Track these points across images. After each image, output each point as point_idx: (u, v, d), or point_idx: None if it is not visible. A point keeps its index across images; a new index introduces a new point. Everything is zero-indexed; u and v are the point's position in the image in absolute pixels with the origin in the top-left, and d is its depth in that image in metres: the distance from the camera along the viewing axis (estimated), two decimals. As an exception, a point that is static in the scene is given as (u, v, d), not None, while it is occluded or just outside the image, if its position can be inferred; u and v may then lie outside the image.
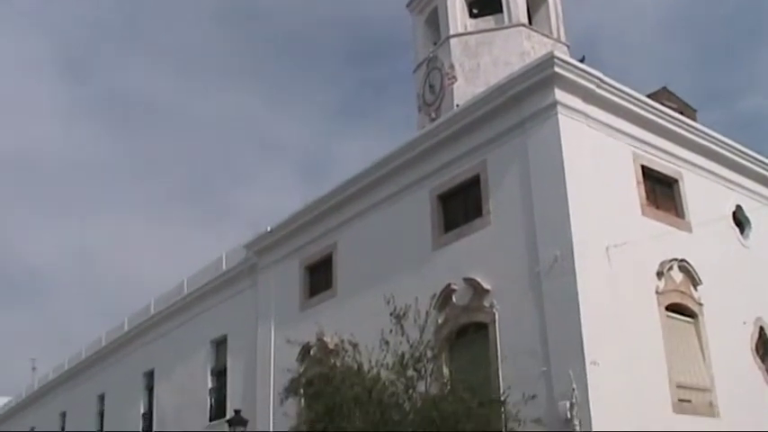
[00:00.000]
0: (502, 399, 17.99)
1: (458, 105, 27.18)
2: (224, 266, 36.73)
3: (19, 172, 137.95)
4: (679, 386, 22.72)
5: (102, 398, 48.96)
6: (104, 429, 48.10)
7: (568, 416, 20.27)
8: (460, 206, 25.11)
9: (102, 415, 48.88)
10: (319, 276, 30.57)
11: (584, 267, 21.21)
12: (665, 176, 25.24)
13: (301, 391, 18.00)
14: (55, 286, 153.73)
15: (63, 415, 55.16)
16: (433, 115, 30.53)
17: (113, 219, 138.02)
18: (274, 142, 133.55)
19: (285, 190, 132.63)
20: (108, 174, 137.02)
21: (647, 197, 24.20)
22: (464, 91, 29.83)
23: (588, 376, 20.32)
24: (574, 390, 20.26)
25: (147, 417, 42.65)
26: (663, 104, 25.69)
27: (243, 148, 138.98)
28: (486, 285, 23.08)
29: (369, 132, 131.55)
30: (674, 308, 23.63)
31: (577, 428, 20.16)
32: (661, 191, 25.09)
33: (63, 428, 54.89)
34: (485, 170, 24.16)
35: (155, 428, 41.40)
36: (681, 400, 22.61)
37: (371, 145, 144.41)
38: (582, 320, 20.68)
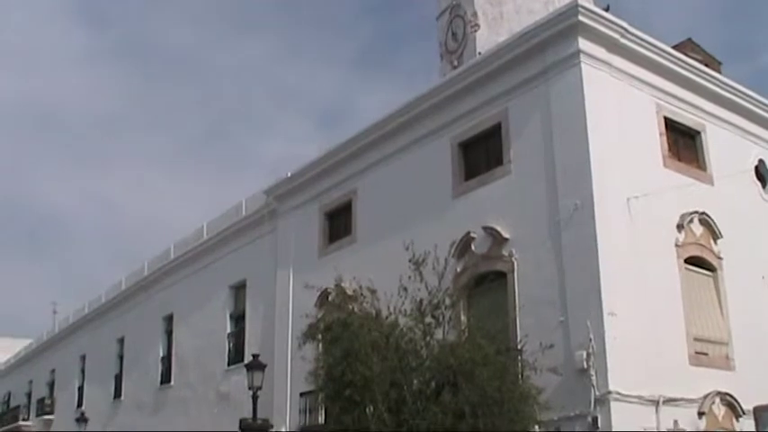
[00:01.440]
0: (519, 347, 18.02)
1: (480, 53, 27.03)
2: (243, 212, 36.79)
3: (38, 121, 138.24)
4: (696, 339, 22.75)
5: (121, 341, 49.30)
6: (123, 372, 48.53)
7: (585, 366, 20.35)
8: (481, 154, 25.05)
9: (121, 358, 49.25)
10: (338, 222, 30.64)
11: (603, 218, 21.19)
12: (688, 128, 25.08)
13: (319, 336, 18.03)
14: (75, 233, 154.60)
15: (83, 358, 55.62)
16: (456, 63, 30.34)
17: (133, 167, 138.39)
18: (293, 91, 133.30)
19: (304, 138, 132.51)
20: (127, 122, 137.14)
21: (669, 149, 24.07)
22: (487, 39, 29.63)
23: (605, 327, 20.37)
24: (591, 340, 20.32)
25: (166, 360, 42.96)
26: (687, 56, 25.45)
27: (261, 97, 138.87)
28: (505, 234, 23.08)
29: (388, 82, 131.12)
30: (694, 261, 23.60)
31: (593, 378, 20.24)
32: (683, 143, 24.96)
33: (83, 370, 55.43)
34: (506, 118, 24.06)
35: (173, 372, 41.75)
36: (697, 353, 22.66)
37: (391, 94, 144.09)
38: (600, 271, 20.70)
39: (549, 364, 17.92)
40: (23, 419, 65.13)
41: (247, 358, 29.57)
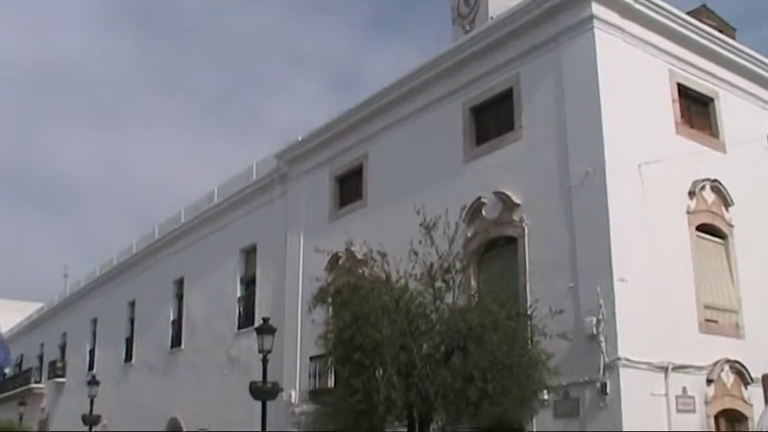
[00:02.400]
0: (529, 312, 18.03)
1: (492, 18, 26.84)
2: (254, 176, 36.82)
3: (50, 83, 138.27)
4: (706, 306, 22.73)
5: (132, 304, 49.53)
6: (134, 335, 48.76)
7: (594, 332, 20.37)
8: (492, 119, 24.98)
9: (132, 321, 49.52)
10: (349, 187, 30.65)
11: (615, 184, 21.14)
12: (701, 95, 24.93)
13: (329, 299, 18.05)
14: (86, 196, 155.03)
15: (94, 321, 55.94)
16: (468, 28, 30.08)
17: (145, 129, 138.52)
18: (304, 55, 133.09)
19: (315, 102, 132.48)
20: (140, 84, 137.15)
21: (682, 115, 23.94)
22: (499, 3, 29.28)
23: (616, 293, 20.38)
24: (601, 306, 20.33)
25: (177, 324, 43.17)
26: (701, 22, 25.24)
27: (272, 60, 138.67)
28: (516, 199, 23.05)
29: (401, 46, 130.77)
30: (705, 228, 23.53)
31: (603, 344, 20.26)
32: (696, 110, 24.81)
33: (94, 334, 55.70)
34: (518, 83, 23.96)
35: (184, 335, 41.93)
36: (707, 321, 22.65)
37: (403, 59, 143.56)
38: (611, 237, 20.68)
39: (559, 330, 17.94)
40: (35, 382, 65.63)
41: (257, 322, 29.64)
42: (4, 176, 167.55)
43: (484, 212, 23.82)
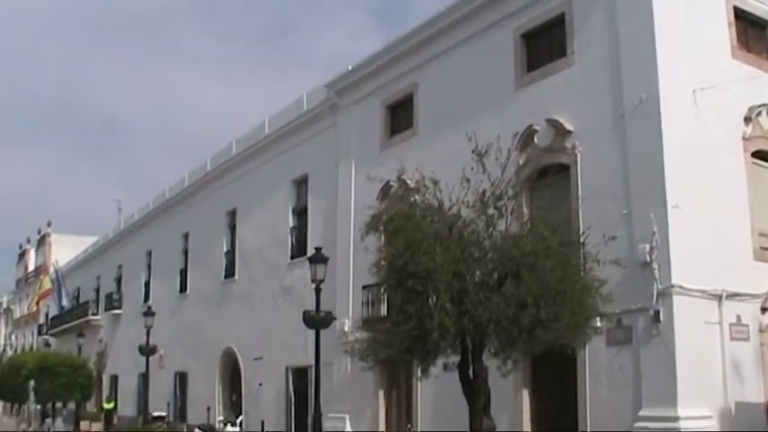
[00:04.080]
0: (581, 239, 17.95)
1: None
2: (305, 106, 36.82)
3: (100, 20, 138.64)
4: (761, 234, 22.54)
5: (185, 236, 50.09)
6: (188, 267, 49.31)
7: (648, 259, 20.30)
8: (544, 45, 24.72)
9: (186, 253, 50.11)
10: (400, 115, 30.60)
11: (669, 110, 20.89)
12: (759, 18, 24.38)
13: (381, 227, 18.03)
14: (138, 131, 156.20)
15: (149, 253, 56.72)
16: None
17: (194, 64, 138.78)
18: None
19: (364, 33, 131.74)
20: (188, 18, 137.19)
21: (738, 39, 23.47)
22: (551, -73, 28.91)
23: (669, 220, 20.26)
24: (654, 233, 20.23)
25: (230, 255, 43.61)
26: (759, -58, 24.67)
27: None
28: (568, 126, 22.88)
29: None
30: (760, 155, 23.21)
31: (656, 272, 20.21)
32: (753, 33, 24.30)
33: (149, 266, 56.43)
34: (570, 8, 23.64)
35: (237, 266, 42.32)
36: (762, 248, 22.47)
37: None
38: (665, 163, 20.50)
39: (612, 257, 17.84)
40: (93, 314, 66.92)
41: (310, 252, 29.87)
42: (57, 116, 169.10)
43: (536, 140, 23.67)
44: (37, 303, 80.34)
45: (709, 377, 20.34)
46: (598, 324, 19.02)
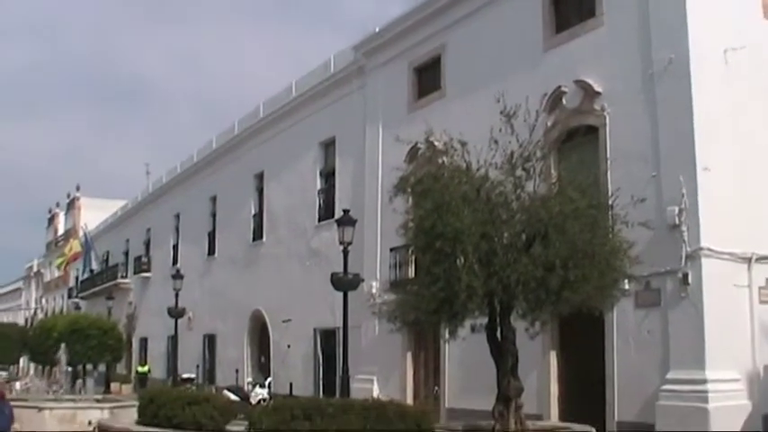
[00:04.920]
0: (610, 201, 17.87)
1: None
2: (332, 68, 36.78)
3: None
4: (793, 196, 22.29)
5: (213, 199, 50.28)
6: (216, 229, 49.52)
7: (677, 221, 20.24)
8: (573, 6, 24.58)
9: (214, 216, 50.31)
10: (427, 77, 30.52)
11: (699, 71, 20.75)
12: (791, -22, 24.07)
13: (409, 189, 18.01)
14: (165, 95, 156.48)
15: (177, 216, 56.96)
16: None
17: (221, 26, 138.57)
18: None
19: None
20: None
21: (770, -1, 23.20)
22: None
23: (699, 182, 20.21)
24: (683, 195, 20.17)
25: (258, 217, 43.77)
26: None
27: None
28: (597, 88, 22.76)
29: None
30: (792, 116, 22.94)
31: (685, 234, 20.19)
32: (786, -7, 23.99)
33: (177, 229, 56.70)
34: (599, -32, 23.43)
35: (265, 228, 42.46)
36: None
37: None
38: (695, 125, 20.40)
39: (641, 219, 17.75)
40: (122, 277, 67.41)
41: (338, 214, 29.94)
42: (86, 80, 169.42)
43: (564, 101, 23.56)
44: (66, 266, 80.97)
45: (737, 340, 20.33)
46: (626, 286, 18.92)
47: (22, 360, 58.12)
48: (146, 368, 53.43)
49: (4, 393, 14.43)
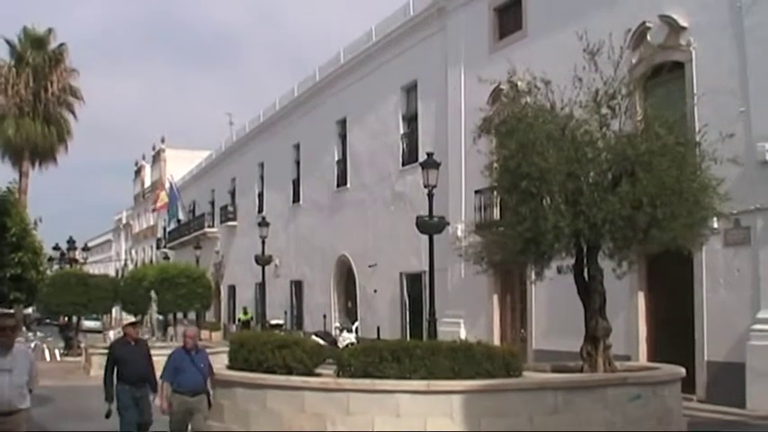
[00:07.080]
0: (698, 138, 17.58)
1: None
2: (411, 11, 36.56)
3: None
4: None
5: (297, 147, 50.56)
6: (300, 177, 49.86)
7: (767, 157, 19.82)
8: (659, -61, 23.99)
9: (298, 163, 50.64)
10: (508, 18, 30.24)
11: (790, 1, 20.21)
12: None
13: (493, 130, 17.92)
14: (245, 45, 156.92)
15: (261, 165, 57.40)
16: None
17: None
18: None
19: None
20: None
21: None
22: None
23: (790, 115, 19.73)
24: (774, 130, 19.74)
25: (342, 163, 43.94)
26: None
27: None
28: (683, 22, 22.34)
29: None
30: None
31: (777, 168, 19.77)
32: None
33: (262, 177, 57.17)
34: None
35: (349, 174, 42.63)
36: None
37: None
38: (786, 57, 19.90)
39: (730, 155, 17.43)
40: (209, 226, 68.37)
41: (421, 158, 29.93)
42: (169, 32, 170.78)
43: (649, 37, 23.18)
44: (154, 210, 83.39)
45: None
46: (715, 224, 18.73)
47: (114, 310, 59.23)
48: (248, 315, 54.17)
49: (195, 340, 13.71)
